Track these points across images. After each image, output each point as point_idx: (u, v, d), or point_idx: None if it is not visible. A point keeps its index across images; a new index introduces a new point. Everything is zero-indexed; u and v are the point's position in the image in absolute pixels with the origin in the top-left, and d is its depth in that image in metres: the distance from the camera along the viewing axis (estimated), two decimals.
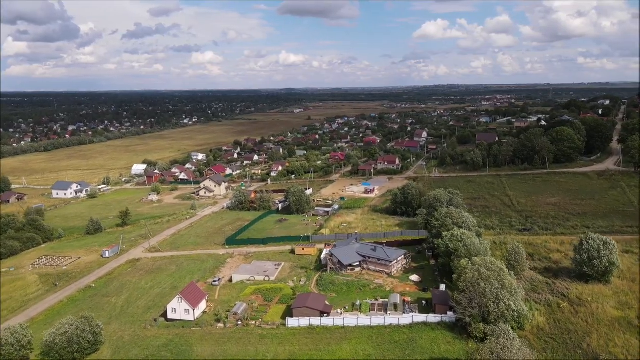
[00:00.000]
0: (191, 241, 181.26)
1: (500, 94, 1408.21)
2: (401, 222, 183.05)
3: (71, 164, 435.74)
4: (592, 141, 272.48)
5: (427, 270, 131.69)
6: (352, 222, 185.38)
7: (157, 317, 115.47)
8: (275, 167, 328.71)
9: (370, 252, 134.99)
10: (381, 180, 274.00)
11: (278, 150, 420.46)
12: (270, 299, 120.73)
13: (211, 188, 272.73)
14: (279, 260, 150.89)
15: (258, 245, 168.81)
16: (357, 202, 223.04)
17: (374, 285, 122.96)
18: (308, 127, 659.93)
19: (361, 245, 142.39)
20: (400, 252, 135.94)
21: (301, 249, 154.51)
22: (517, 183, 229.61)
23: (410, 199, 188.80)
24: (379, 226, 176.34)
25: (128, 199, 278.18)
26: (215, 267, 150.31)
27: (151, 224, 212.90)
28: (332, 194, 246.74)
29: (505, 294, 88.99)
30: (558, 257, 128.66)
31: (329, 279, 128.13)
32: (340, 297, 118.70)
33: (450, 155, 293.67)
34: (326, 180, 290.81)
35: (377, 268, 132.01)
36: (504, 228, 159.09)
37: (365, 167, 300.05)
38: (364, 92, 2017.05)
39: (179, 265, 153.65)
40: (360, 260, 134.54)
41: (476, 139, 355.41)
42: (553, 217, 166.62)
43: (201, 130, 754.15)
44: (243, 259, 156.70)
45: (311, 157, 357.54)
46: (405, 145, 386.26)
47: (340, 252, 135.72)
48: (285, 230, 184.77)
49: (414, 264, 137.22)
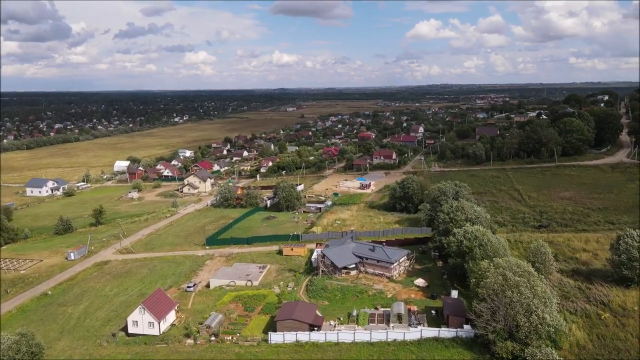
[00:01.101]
0: (168, 241, 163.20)
1: (494, 93, 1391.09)
2: (401, 218, 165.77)
3: (52, 162, 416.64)
4: (601, 133, 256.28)
5: (434, 273, 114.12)
6: (347, 219, 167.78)
7: (116, 331, 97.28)
8: (265, 162, 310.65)
9: (368, 252, 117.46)
10: (377, 175, 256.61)
11: (269, 147, 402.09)
12: (252, 308, 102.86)
13: (195, 184, 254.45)
14: (264, 262, 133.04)
15: (242, 246, 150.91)
16: (352, 198, 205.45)
17: (373, 291, 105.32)
18: (301, 124, 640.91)
19: (357, 244, 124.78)
20: (403, 252, 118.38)
21: (289, 250, 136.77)
22: (525, 177, 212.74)
23: (411, 194, 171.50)
24: (376, 223, 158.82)
25: (107, 197, 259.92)
26: (192, 270, 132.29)
27: (127, 222, 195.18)
28: (325, 190, 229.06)
29: (538, 304, 71.58)
30: (586, 257, 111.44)
31: (320, 283, 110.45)
32: (333, 305, 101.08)
33: (451, 149, 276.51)
34: (319, 175, 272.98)
35: (377, 271, 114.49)
36: (517, 225, 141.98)
37: (360, 162, 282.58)
38: (358, 91, 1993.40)
39: (152, 269, 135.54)
40: (356, 262, 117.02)
41: (476, 133, 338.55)
42: (571, 213, 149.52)
43: (192, 128, 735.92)
44: (224, 260, 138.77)
45: (303, 152, 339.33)
46: (401, 140, 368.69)
47: (334, 252, 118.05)
48: (273, 229, 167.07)
49: (418, 265, 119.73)
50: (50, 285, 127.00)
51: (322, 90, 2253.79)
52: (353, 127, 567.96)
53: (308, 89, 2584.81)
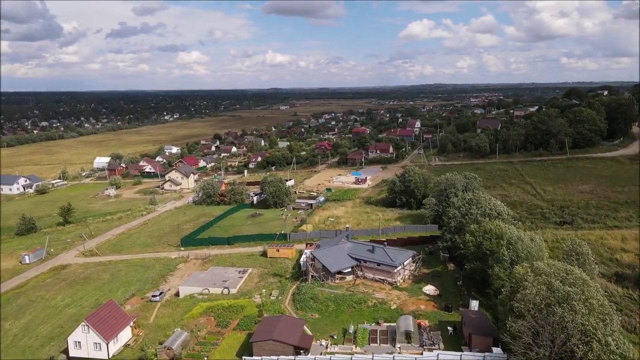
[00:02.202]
0: (140, 242, 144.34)
1: (488, 92, 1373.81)
2: (402, 215, 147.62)
3: (31, 159, 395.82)
4: (613, 124, 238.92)
5: (446, 278, 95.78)
6: (342, 216, 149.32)
7: (56, 353, 78.58)
8: (254, 157, 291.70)
9: (367, 254, 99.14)
10: (374, 169, 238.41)
11: (259, 142, 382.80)
12: (226, 322, 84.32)
13: (177, 180, 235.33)
14: (245, 265, 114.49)
15: (221, 246, 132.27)
16: (346, 194, 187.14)
17: (374, 301, 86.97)
18: (293, 122, 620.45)
19: (354, 244, 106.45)
20: (407, 253, 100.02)
21: (275, 251, 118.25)
22: (535, 170, 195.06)
23: (413, 187, 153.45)
24: (374, 220, 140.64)
25: (81, 194, 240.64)
26: (161, 275, 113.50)
27: (98, 222, 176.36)
28: (317, 185, 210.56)
29: (597, 324, 53.47)
30: (628, 258, 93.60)
31: (309, 292, 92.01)
32: (325, 319, 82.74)
33: (452, 142, 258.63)
34: (311, 170, 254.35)
35: (377, 276, 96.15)
36: (536, 221, 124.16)
37: (355, 156, 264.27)
38: (351, 91, 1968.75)
39: (115, 274, 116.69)
40: (353, 266, 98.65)
41: (477, 126, 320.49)
42: (596, 207, 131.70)
43: (182, 125, 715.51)
44: (200, 264, 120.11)
45: (295, 147, 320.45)
46: (398, 134, 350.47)
47: (326, 254, 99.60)
48: (258, 227, 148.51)
49: (426, 269, 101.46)
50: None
51: (316, 90, 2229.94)
52: (347, 123, 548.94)
53: (301, 89, 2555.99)
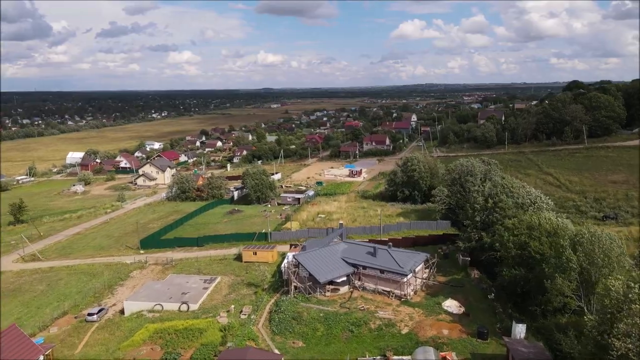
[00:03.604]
0: (95, 244, 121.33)
1: (480, 92, 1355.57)
2: (405, 210, 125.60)
3: (5, 156, 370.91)
4: (632, 111, 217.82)
5: (471, 290, 73.38)
6: (334, 212, 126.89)
7: None
8: (239, 151, 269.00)
9: (367, 257, 76.73)
10: (369, 162, 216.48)
11: (246, 136, 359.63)
12: (176, 354, 61.66)
13: (152, 175, 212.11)
14: (214, 272, 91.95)
15: (189, 249, 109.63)
16: (339, 187, 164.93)
17: (378, 323, 64.53)
18: (284, 119, 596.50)
19: (350, 245, 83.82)
20: (419, 257, 77.63)
21: (251, 254, 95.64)
22: (551, 160, 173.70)
23: (417, 178, 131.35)
24: (373, 216, 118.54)
25: (46, 191, 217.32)
26: (109, 285, 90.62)
27: (54, 220, 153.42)
28: (307, 179, 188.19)
29: None
30: None
31: (291, 308, 69.55)
32: (311, 349, 60.34)
33: (454, 132, 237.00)
34: (300, 164, 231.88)
35: (380, 286, 73.74)
36: (571, 215, 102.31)
37: (349, 149, 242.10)
38: (344, 91, 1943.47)
39: (53, 284, 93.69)
40: (348, 273, 76.23)
41: (479, 117, 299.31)
42: None
43: (169, 123, 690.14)
44: (160, 270, 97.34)
45: (284, 140, 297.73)
46: (394, 127, 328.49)
47: (314, 258, 77.06)
48: (235, 226, 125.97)
49: (442, 277, 79.25)
50: None
51: (308, 90, 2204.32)
52: (339, 119, 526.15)
53: (293, 89, 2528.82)
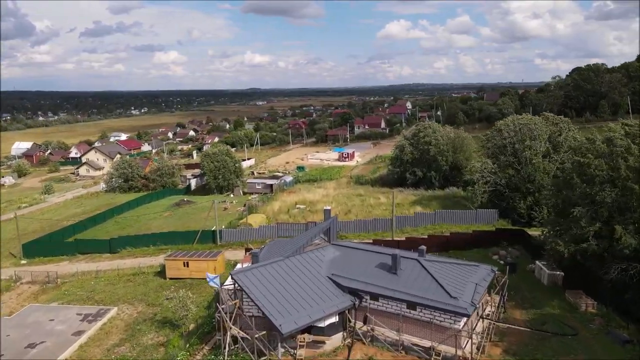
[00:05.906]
0: None
1: (468, 89, 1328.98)
2: (420, 196, 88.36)
3: None
4: None
5: (591, 338, 36.65)
6: (319, 202, 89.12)
7: None
8: (210, 139, 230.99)
9: (379, 275, 38.59)
10: (362, 145, 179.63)
11: (223, 125, 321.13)
12: None
13: (97, 164, 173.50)
14: (114, 297, 54.19)
15: (96, 257, 71.69)
16: (326, 172, 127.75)
17: None
18: (269, 114, 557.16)
19: (344, 251, 44.76)
20: (480, 272, 39.99)
21: (180, 265, 57.76)
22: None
23: (434, 153, 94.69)
24: (375, 206, 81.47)
25: None
26: None
27: None
28: (286, 164, 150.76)
29: None
30: None
31: None
32: None
33: (463, 111, 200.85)
34: (280, 150, 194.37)
35: (409, 336, 36.25)
36: None
37: (338, 132, 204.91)
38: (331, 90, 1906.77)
39: None
40: (344, 308, 38.32)
41: (485, 99, 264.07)
42: None
43: (148, 119, 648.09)
44: (36, 292, 59.53)
45: (264, 127, 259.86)
46: (388, 113, 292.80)
47: (271, 279, 38.86)
48: (178, 221, 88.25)
49: (513, 307, 42.32)
50: None
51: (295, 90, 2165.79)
52: (327, 111, 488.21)
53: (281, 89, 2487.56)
